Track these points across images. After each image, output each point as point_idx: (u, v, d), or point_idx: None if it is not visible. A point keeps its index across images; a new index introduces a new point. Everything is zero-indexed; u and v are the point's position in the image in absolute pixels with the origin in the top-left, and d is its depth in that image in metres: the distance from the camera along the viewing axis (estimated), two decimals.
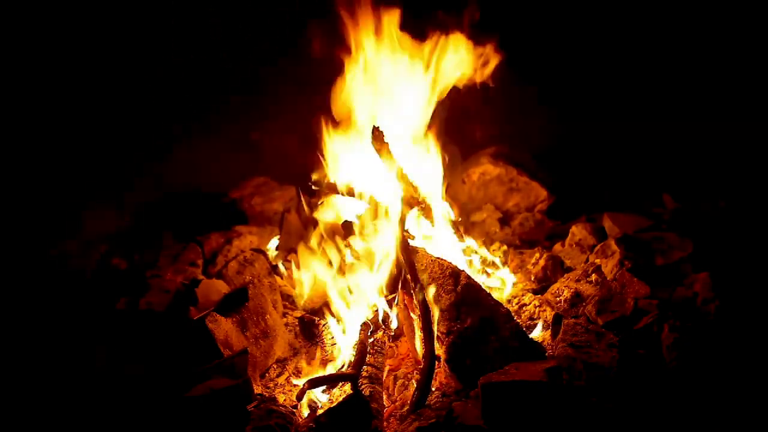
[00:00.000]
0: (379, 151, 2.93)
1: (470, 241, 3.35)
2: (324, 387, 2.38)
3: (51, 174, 4.12)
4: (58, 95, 4.22)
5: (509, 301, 3.00)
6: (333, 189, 3.18)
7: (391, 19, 3.13)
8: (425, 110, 3.21)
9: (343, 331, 2.80)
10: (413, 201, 3.00)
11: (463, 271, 2.56)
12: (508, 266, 3.44)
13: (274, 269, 3.55)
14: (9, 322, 3.01)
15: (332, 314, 2.89)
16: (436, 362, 2.41)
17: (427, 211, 3.07)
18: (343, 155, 3.25)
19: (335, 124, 3.21)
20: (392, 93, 3.18)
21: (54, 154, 4.14)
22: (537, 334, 2.72)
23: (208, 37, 4.54)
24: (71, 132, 4.27)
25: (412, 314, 2.65)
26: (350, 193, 3.15)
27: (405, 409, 2.33)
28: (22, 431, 2.40)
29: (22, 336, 2.92)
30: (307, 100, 3.25)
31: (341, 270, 3.00)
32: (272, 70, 4.60)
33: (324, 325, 2.98)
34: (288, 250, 3.81)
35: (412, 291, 2.60)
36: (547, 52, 4.50)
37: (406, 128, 3.20)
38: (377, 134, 2.90)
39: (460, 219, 3.44)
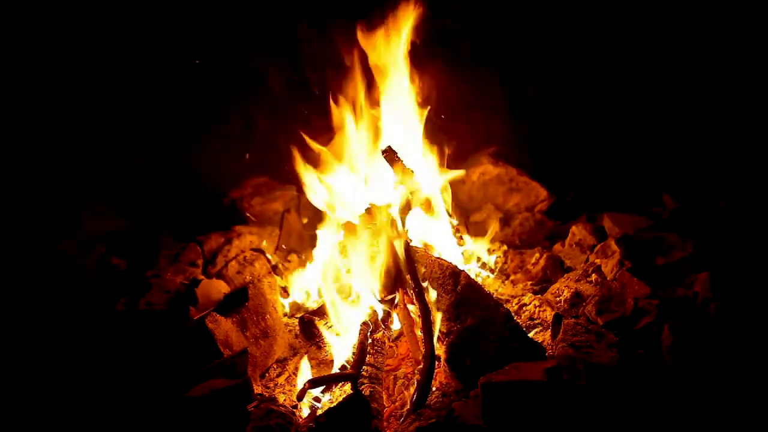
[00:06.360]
0: (391, 164, 2.95)
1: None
2: (324, 387, 2.38)
3: (50, 174, 4.12)
4: (57, 95, 4.22)
5: (509, 301, 3.00)
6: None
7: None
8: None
9: (343, 331, 2.80)
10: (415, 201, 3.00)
11: (463, 271, 2.56)
12: (508, 266, 3.44)
13: (274, 269, 3.55)
14: (9, 323, 3.01)
15: (333, 314, 2.88)
16: (436, 362, 2.41)
17: (429, 211, 3.07)
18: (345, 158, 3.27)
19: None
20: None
21: (53, 153, 4.13)
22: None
23: (208, 36, 4.54)
24: (71, 132, 4.26)
25: (412, 314, 2.65)
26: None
27: (405, 409, 2.33)
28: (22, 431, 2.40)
29: (22, 337, 2.92)
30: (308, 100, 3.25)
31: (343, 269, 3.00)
32: (273, 70, 4.60)
33: (324, 325, 2.97)
34: (288, 250, 3.81)
35: (412, 291, 2.60)
36: (546, 52, 4.50)
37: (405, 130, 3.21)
38: (391, 154, 2.94)
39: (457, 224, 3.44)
